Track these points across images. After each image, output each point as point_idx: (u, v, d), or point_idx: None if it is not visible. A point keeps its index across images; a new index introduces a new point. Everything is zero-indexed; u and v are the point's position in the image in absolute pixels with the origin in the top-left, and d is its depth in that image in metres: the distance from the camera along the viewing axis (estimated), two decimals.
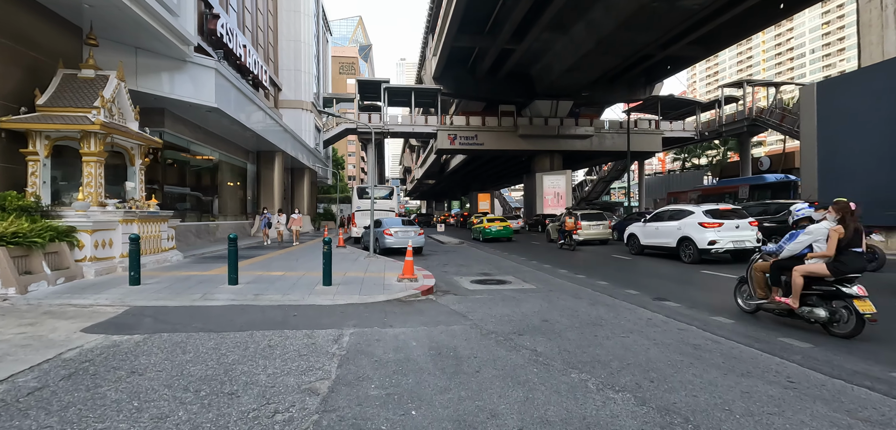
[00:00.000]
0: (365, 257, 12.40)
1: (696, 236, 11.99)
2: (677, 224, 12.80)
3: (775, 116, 33.79)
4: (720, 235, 11.76)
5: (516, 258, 14.26)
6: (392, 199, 22.28)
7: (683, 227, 12.53)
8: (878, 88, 11.99)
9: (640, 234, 14.67)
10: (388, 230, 15.33)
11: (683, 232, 12.44)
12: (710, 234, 11.81)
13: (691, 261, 12.08)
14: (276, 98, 29.53)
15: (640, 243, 14.62)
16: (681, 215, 13.01)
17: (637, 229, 14.96)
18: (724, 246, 11.75)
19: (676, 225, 12.82)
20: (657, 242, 13.68)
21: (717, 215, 12.19)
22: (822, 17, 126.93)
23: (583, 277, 9.94)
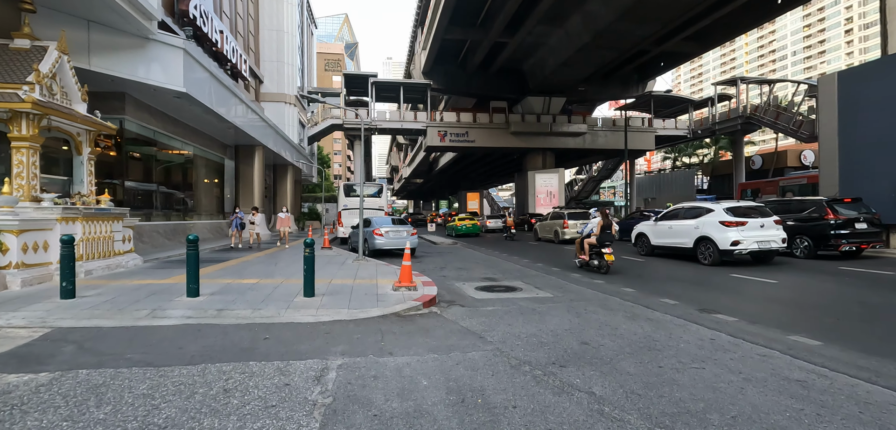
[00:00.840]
0: (353, 261, 11.09)
1: (718, 236, 10.99)
2: (695, 223, 11.81)
3: (770, 113, 33.35)
4: (744, 235, 10.78)
5: (517, 260, 13.09)
6: (381, 197, 20.95)
7: (702, 226, 11.53)
8: None
9: (650, 233, 13.73)
10: (378, 230, 14.04)
11: (702, 232, 11.47)
12: (732, 234, 10.81)
13: (711, 263, 11.15)
14: (257, 90, 27.93)
15: (650, 244, 13.66)
16: (699, 212, 12.00)
17: (647, 228, 13.98)
18: (749, 247, 10.73)
19: (694, 224, 11.83)
20: (671, 242, 12.71)
21: (739, 213, 11.19)
22: (803, 20, 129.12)
23: (601, 282, 8.81)
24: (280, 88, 29.21)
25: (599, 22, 25.33)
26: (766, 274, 9.47)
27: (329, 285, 7.53)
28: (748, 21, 29.18)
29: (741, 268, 10.54)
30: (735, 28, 30.20)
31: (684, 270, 10.51)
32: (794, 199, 13.79)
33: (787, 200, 13.22)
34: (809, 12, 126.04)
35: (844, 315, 5.85)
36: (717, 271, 10.22)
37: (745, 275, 9.42)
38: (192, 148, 17.68)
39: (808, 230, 12.10)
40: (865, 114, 12.16)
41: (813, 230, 11.99)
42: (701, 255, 11.49)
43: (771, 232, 11.01)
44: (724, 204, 11.75)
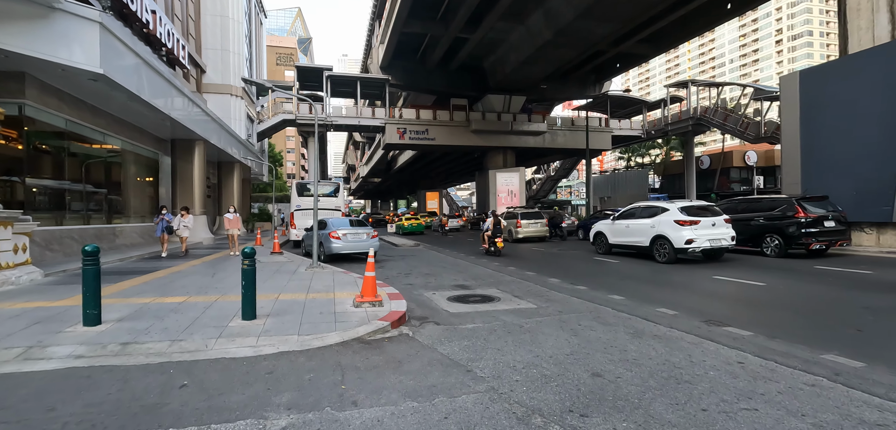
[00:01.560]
0: (307, 269, 9.79)
1: (672, 235, 11.35)
2: (651, 222, 12.13)
3: (719, 115, 34.66)
4: (697, 233, 11.17)
5: (487, 263, 12.27)
6: (337, 196, 19.54)
7: (658, 225, 11.86)
8: (866, 76, 11.34)
9: (608, 232, 13.96)
10: (334, 233, 12.75)
11: (658, 230, 11.78)
12: (686, 232, 11.18)
13: (667, 261, 11.48)
14: (198, 80, 25.57)
15: (608, 242, 13.90)
16: (655, 211, 12.32)
17: (605, 227, 14.21)
18: (701, 245, 11.15)
19: (650, 223, 12.14)
20: (628, 240, 12.99)
21: (693, 212, 11.57)
22: (740, 29, 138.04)
23: (584, 288, 8.08)
24: (225, 79, 26.94)
25: (561, 20, 25.09)
26: (745, 275, 9.13)
27: (276, 301, 6.29)
28: (701, 24, 30.03)
29: (717, 268, 10.21)
30: (688, 31, 31.04)
31: (648, 269, 10.11)
32: (765, 197, 13.91)
33: (757, 198, 13.31)
34: (744, 23, 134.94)
35: (863, 324, 5.35)
36: (693, 271, 9.83)
37: (726, 276, 9.03)
38: (119, 141, 15.54)
39: (779, 229, 12.02)
40: (827, 112, 12.32)
41: (783, 229, 11.91)
42: (657, 253, 11.76)
43: (722, 231, 11.40)
44: (678, 204, 12.02)
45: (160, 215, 12.98)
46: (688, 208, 11.60)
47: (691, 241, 11.00)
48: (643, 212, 12.79)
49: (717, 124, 35.15)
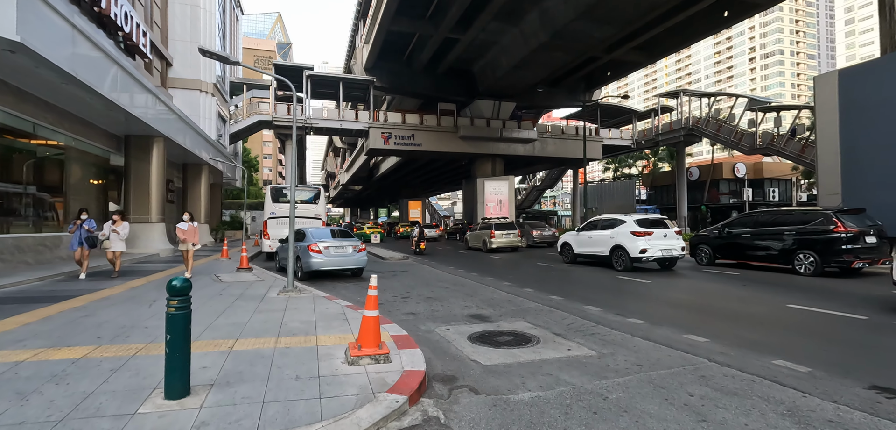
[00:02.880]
0: (279, 292, 7.74)
1: (629, 245, 12.34)
2: (610, 233, 13.14)
3: (711, 125, 33.98)
4: (650, 243, 12.15)
5: (480, 276, 10.51)
6: (318, 203, 17.46)
7: (616, 236, 12.85)
8: None
9: (573, 243, 14.90)
10: (314, 246, 10.74)
11: (616, 241, 12.78)
12: (641, 242, 12.17)
13: (624, 269, 12.41)
14: (163, 73, 23.17)
15: (573, 252, 14.82)
16: (614, 224, 13.43)
17: (571, 237, 15.20)
18: (654, 255, 12.13)
19: (610, 234, 13.14)
20: (590, 250, 13.99)
21: (646, 224, 12.64)
22: (715, 47, 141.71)
23: (617, 317, 6.34)
24: (194, 74, 24.57)
25: (558, 21, 23.76)
26: (827, 303, 7.57)
27: (229, 354, 4.29)
28: (696, 32, 29.21)
29: (789, 292, 8.65)
30: (683, 39, 30.19)
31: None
32: (795, 209, 13.17)
33: (786, 211, 12.26)
34: (719, 41, 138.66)
35: None
36: (753, 291, 8.23)
37: (802, 305, 7.44)
38: (62, 137, 13.19)
39: (814, 244, 10.67)
40: (872, 115, 11.09)
41: (820, 245, 10.57)
42: (615, 261, 12.78)
43: (672, 242, 12.36)
44: (634, 217, 13.13)
45: (76, 221, 9.61)
46: (642, 221, 12.74)
47: (645, 251, 12.02)
48: (604, 224, 13.92)
49: (710, 135, 34.45)
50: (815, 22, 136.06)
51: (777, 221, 12.04)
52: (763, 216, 12.89)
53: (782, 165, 43.69)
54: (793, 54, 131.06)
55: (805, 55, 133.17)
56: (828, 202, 12.17)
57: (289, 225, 7.83)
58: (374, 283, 4.30)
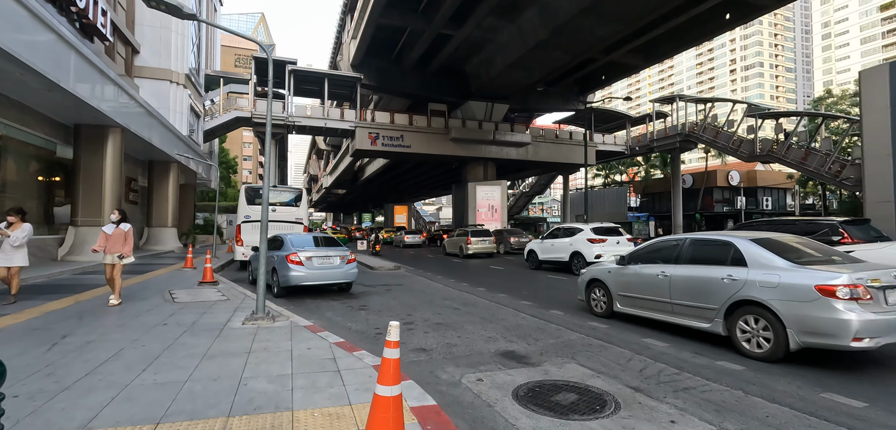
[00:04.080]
0: (246, 321, 5.86)
1: (585, 251, 13.33)
2: (569, 241, 14.19)
3: (709, 131, 33.14)
4: (604, 249, 13.06)
5: (485, 293, 8.85)
6: (299, 206, 15.55)
7: (574, 243, 13.92)
8: None
9: (538, 250, 15.68)
10: (294, 255, 8.93)
11: (575, 247, 13.80)
12: (596, 248, 13.19)
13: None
14: (129, 61, 20.99)
15: (538, 259, 15.55)
16: (573, 232, 14.42)
17: (536, 245, 16.01)
18: (608, 259, 12.08)
19: (569, 242, 14.20)
20: (553, 256, 14.80)
21: (601, 232, 13.90)
22: (696, 58, 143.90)
23: (694, 356, 4.77)
24: (164, 63, 22.39)
25: (560, 16, 22.42)
26: None
27: None
28: (696, 35, 28.32)
29: None
30: (682, 42, 29.29)
31: None
32: (799, 219, 12.38)
33: (789, 221, 11.66)
34: (701, 52, 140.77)
35: None
36: None
37: None
38: None
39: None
40: None
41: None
42: (574, 266, 13.55)
43: (625, 248, 12.95)
44: (590, 226, 14.26)
45: None
46: (597, 229, 13.98)
47: (599, 256, 12.82)
48: (564, 232, 14.87)
49: (707, 141, 33.62)
50: (793, 37, 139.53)
51: (779, 231, 11.00)
52: (763, 226, 11.93)
53: (776, 174, 43.36)
54: (772, 67, 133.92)
55: (783, 68, 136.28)
56: (877, 211, 10.91)
57: (261, 232, 6.02)
58: (393, 336, 2.56)
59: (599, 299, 7.32)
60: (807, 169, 26.67)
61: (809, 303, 4.51)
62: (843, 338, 4.29)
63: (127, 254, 7.06)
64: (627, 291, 6.69)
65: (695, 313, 5.60)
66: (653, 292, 6.22)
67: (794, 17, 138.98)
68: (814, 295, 4.48)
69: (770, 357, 4.79)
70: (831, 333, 4.37)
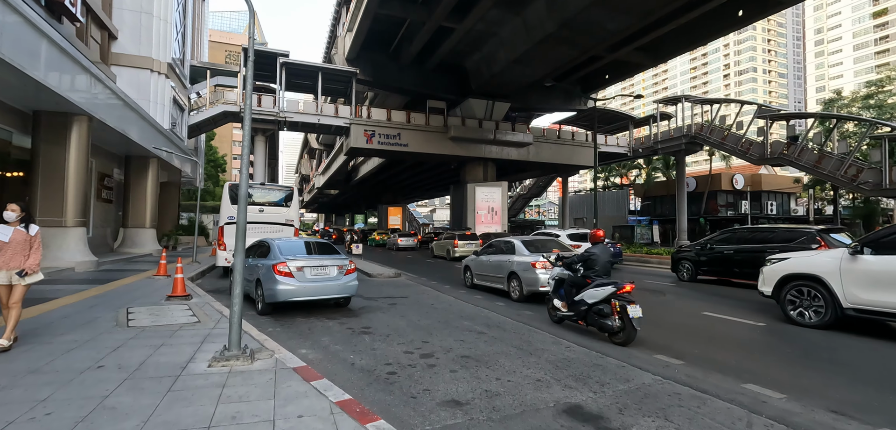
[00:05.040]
0: (213, 363, 4.29)
1: None
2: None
3: (716, 133, 32.06)
4: None
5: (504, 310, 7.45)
6: (290, 206, 13.98)
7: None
8: None
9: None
10: (282, 265, 7.42)
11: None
12: None
13: None
14: (105, 47, 19.32)
15: (473, 276, 16.38)
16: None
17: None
18: None
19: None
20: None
21: (577, 238, 15.06)
22: (690, 62, 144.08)
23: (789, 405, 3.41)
24: (145, 50, 20.73)
25: (569, 8, 21.11)
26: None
27: None
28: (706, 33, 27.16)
29: None
30: (690, 41, 28.17)
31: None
32: (779, 227, 13.03)
33: (770, 229, 12.65)
34: (695, 57, 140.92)
35: None
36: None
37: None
38: None
39: None
40: None
41: None
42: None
43: None
44: (567, 231, 15.76)
45: None
46: (574, 235, 15.47)
47: None
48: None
49: (714, 144, 32.57)
50: (786, 42, 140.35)
51: (760, 238, 11.89)
52: (746, 233, 12.93)
53: (780, 178, 42.56)
54: (765, 72, 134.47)
55: (776, 74, 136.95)
56: None
57: (236, 238, 4.53)
58: None
59: None
60: (821, 172, 25.65)
61: (529, 271, 9.43)
62: (538, 286, 9.12)
63: (32, 269, 4.84)
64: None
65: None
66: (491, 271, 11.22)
67: (786, 23, 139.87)
68: (530, 267, 9.45)
69: (519, 299, 9.70)
70: (535, 284, 9.24)
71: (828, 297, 6.67)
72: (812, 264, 7.03)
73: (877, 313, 6.20)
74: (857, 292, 6.36)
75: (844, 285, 6.49)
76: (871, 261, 6.30)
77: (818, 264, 6.93)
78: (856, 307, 6.38)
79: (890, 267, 6.08)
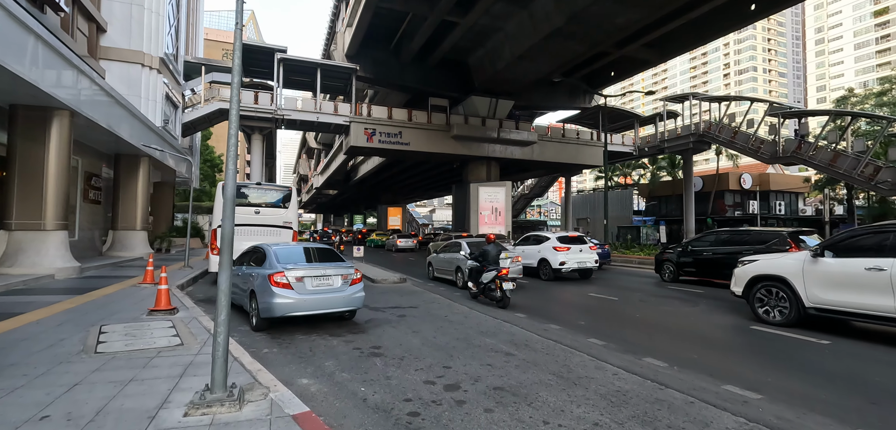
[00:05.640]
0: (193, 410, 3.30)
1: (551, 258, 14.21)
2: (538, 248, 15.02)
3: (726, 132, 31.25)
4: (568, 257, 14.12)
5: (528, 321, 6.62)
6: (288, 207, 13.07)
7: (542, 250, 14.74)
8: None
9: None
10: (280, 275, 6.53)
11: (542, 255, 14.63)
12: (561, 256, 14.10)
13: (548, 278, 14.22)
14: (93, 41, 18.39)
15: None
16: (541, 240, 15.29)
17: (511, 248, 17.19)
18: (572, 266, 14.13)
19: (537, 249, 15.03)
20: (524, 263, 14.87)
21: (566, 240, 14.72)
22: (690, 61, 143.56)
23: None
24: (136, 45, 19.80)
25: (578, 1, 20.27)
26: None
27: None
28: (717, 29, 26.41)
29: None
30: (700, 36, 27.44)
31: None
32: (752, 230, 13.61)
33: (745, 231, 13.19)
34: (695, 56, 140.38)
35: None
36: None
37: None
38: None
39: None
40: None
41: None
42: (542, 272, 14.53)
43: (587, 255, 14.46)
44: (556, 235, 15.54)
45: None
46: (562, 238, 14.92)
47: (564, 263, 14.01)
48: (534, 240, 15.86)
49: (724, 142, 31.76)
50: (786, 41, 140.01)
51: (736, 240, 12.32)
52: (724, 235, 13.38)
53: (789, 177, 41.82)
54: (765, 72, 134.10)
55: (776, 73, 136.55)
56: None
57: (221, 249, 3.67)
58: None
59: None
60: (837, 171, 24.86)
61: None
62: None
63: None
64: None
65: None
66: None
67: (786, 21, 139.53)
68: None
69: (462, 286, 12.05)
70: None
71: (792, 297, 7.07)
72: (778, 266, 7.44)
73: (835, 312, 6.63)
74: (818, 292, 6.76)
75: (806, 286, 6.89)
76: (830, 264, 6.71)
77: (783, 266, 7.34)
78: (816, 307, 6.79)
79: (847, 269, 6.47)
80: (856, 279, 6.30)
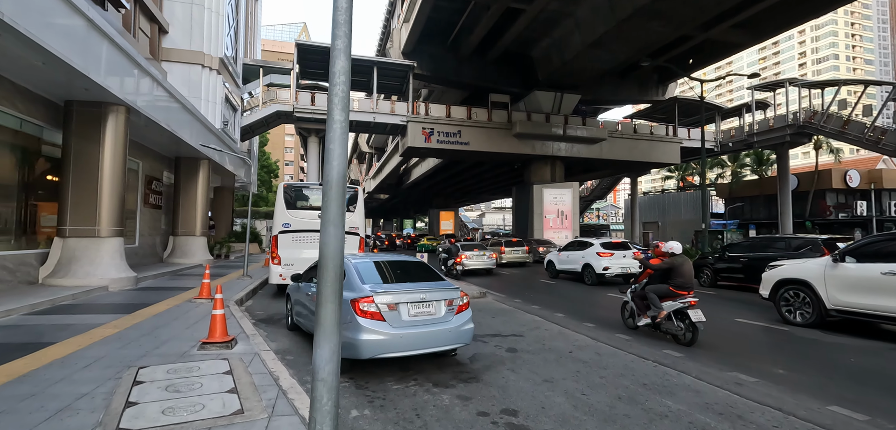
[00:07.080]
0: None
1: (595, 263, 14.63)
2: (582, 254, 15.42)
3: (834, 121, 27.01)
4: (612, 262, 14.54)
5: (674, 360, 4.43)
6: (355, 210, 11.57)
7: (586, 256, 15.15)
8: None
9: (556, 261, 16.97)
10: (367, 301, 4.78)
11: (586, 260, 15.04)
12: (604, 261, 14.54)
13: (592, 283, 14.58)
14: (156, 41, 18.00)
15: (556, 268, 16.85)
16: (585, 246, 15.74)
17: (553, 256, 17.32)
18: (615, 271, 14.48)
19: (581, 255, 15.42)
20: (568, 267, 16.03)
21: (609, 247, 15.14)
22: (759, 53, 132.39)
23: None
24: (196, 45, 19.32)
25: None
26: None
27: None
28: (809, 8, 22.57)
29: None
30: (792, 17, 23.68)
31: None
32: (784, 237, 14.19)
33: (780, 237, 13.80)
34: (765, 46, 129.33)
35: None
36: None
37: None
38: None
39: None
40: None
41: None
42: (586, 277, 15.00)
43: (629, 261, 14.54)
44: (600, 240, 16.18)
45: None
46: (605, 244, 15.40)
47: (607, 268, 14.49)
48: (577, 246, 16.38)
49: (830, 133, 27.55)
50: (872, 26, 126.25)
51: (772, 247, 12.56)
52: (760, 242, 14.24)
53: None
54: (848, 60, 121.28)
55: (862, 60, 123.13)
56: None
57: (318, 310, 1.89)
58: None
59: None
60: None
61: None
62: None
63: None
64: None
65: None
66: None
67: (872, 3, 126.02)
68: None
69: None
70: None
71: (814, 299, 7.52)
72: (801, 270, 7.88)
73: (854, 313, 7.06)
74: (838, 295, 7.21)
75: (828, 289, 7.34)
76: (850, 268, 7.17)
77: (806, 271, 7.77)
78: (837, 309, 7.25)
79: (865, 273, 6.92)
80: (873, 283, 6.70)
